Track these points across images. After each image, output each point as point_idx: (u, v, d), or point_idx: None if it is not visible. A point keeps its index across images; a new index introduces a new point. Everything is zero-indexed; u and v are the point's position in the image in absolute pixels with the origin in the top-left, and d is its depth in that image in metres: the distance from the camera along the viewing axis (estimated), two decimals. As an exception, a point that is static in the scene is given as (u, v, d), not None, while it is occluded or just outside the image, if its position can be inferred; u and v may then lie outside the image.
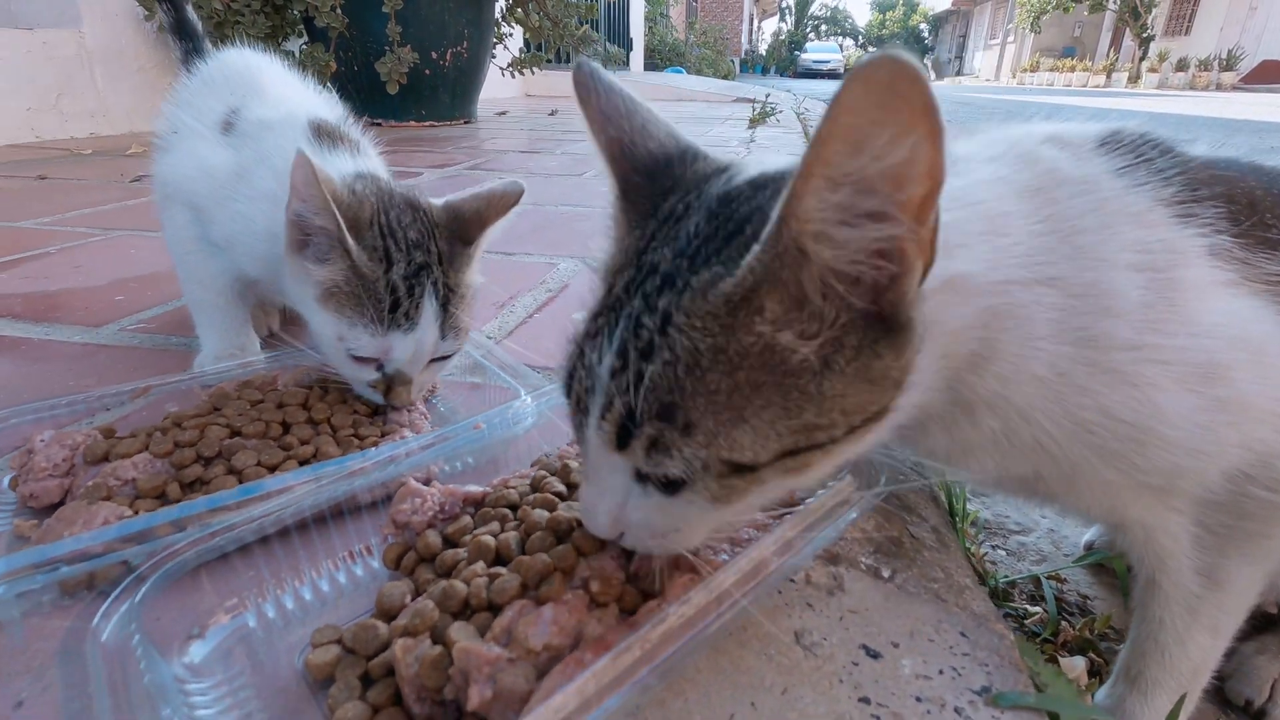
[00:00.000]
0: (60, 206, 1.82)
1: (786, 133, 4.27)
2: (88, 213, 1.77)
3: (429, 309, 0.69)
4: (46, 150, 2.79)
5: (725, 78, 14.45)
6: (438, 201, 0.77)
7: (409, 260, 0.69)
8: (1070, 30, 29.70)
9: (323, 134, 0.80)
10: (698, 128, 4.43)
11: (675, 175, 0.45)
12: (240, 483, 0.59)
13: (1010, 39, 33.15)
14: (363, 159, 0.82)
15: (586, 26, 4.33)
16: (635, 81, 8.74)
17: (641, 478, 0.41)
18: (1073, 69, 24.26)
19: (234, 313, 0.88)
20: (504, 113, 5.16)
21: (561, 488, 0.57)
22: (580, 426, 0.42)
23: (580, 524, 0.49)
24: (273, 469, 0.62)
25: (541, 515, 0.52)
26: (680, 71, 12.73)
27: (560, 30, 4.24)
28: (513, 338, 1.07)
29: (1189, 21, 22.90)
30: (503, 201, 0.76)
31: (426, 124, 4.09)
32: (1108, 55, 24.89)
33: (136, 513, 0.56)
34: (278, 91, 0.88)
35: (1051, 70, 25.43)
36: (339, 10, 3.41)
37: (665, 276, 0.39)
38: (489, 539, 0.51)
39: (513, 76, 4.56)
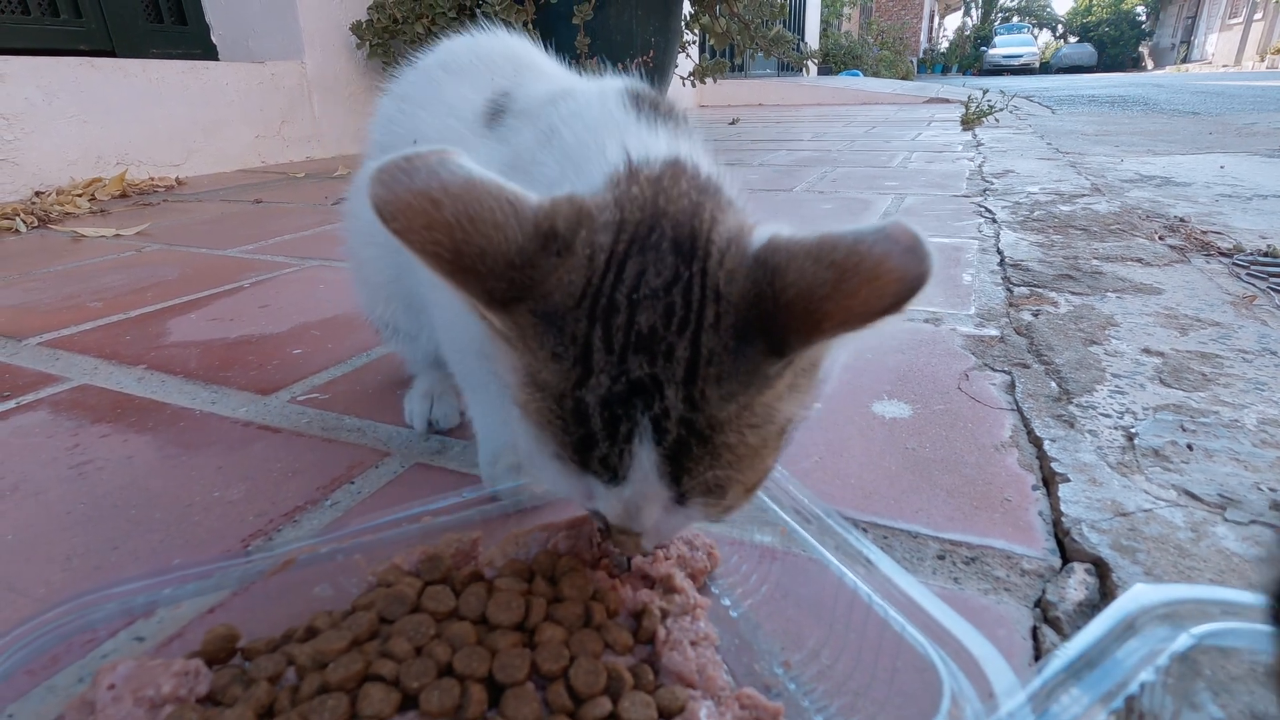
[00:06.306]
0: (266, 231, 1.81)
1: (1017, 133, 3.64)
2: (288, 239, 1.74)
3: (644, 459, 0.37)
4: (268, 174, 2.95)
5: (904, 78, 13.47)
6: (769, 234, 0.37)
7: (618, 371, 0.36)
8: (1345, 0, 24.52)
9: (643, 103, 0.51)
10: (901, 132, 3.91)
11: None
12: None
13: (1257, 15, 28.12)
14: (686, 144, 0.49)
15: (780, 26, 3.99)
16: (814, 86, 8.34)
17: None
18: (1350, 46, 20.08)
19: None
20: (682, 124, 4.95)
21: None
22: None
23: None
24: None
25: None
26: (856, 74, 11.98)
27: (751, 33, 3.94)
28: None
29: None
30: (876, 287, 0.31)
31: (607, 138, 3.96)
32: (1403, 27, 20.29)
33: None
34: (558, 70, 0.65)
35: (1318, 49, 21.15)
36: (531, 25, 3.36)
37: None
38: None
39: (693, 85, 4.33)
